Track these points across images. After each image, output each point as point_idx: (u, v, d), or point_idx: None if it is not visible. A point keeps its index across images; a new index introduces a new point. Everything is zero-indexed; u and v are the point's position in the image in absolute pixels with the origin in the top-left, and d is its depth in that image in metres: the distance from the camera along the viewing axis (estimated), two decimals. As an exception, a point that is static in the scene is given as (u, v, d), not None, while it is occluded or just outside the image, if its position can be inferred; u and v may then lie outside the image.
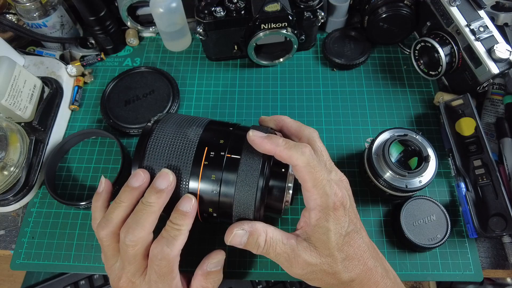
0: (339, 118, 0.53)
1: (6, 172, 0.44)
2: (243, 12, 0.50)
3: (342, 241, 0.33)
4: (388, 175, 0.41)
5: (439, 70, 0.49)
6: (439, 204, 0.44)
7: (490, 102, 0.51)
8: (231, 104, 0.55)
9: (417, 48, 0.52)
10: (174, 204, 0.34)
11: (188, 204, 0.33)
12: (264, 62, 0.56)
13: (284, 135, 0.39)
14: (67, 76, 0.55)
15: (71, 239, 0.46)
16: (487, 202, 0.43)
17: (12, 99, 0.45)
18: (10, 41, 0.55)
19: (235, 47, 0.56)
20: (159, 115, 0.39)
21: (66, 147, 0.51)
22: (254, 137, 0.33)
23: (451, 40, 0.48)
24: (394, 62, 0.58)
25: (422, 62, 0.53)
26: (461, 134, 0.47)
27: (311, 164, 0.32)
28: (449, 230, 0.42)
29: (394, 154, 0.43)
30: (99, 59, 0.59)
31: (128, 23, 0.59)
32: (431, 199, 0.44)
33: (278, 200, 0.36)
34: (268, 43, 0.54)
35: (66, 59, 0.59)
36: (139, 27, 0.60)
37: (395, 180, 0.41)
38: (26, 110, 0.48)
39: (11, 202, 0.47)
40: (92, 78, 0.57)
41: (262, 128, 0.36)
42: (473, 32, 0.46)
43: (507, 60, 0.45)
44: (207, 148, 0.34)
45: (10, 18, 0.59)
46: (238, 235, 0.33)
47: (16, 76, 0.46)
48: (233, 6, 0.50)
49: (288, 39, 0.52)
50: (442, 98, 0.51)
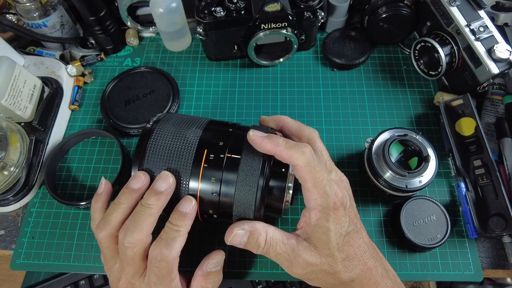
0: (339, 118, 0.53)
1: (6, 172, 0.44)
2: (243, 12, 0.50)
3: (342, 241, 0.33)
4: (388, 175, 0.41)
5: (439, 70, 0.49)
6: (439, 204, 0.44)
7: (490, 102, 0.51)
8: (231, 104, 0.55)
9: (417, 48, 0.52)
10: (174, 206, 0.34)
11: (188, 205, 0.33)
12: (264, 62, 0.56)
13: (284, 135, 0.39)
14: (67, 76, 0.55)
15: (71, 239, 0.46)
16: (487, 202, 0.43)
17: (12, 99, 0.45)
18: (10, 41, 0.55)
19: (235, 47, 0.56)
20: (158, 115, 0.39)
21: (66, 147, 0.51)
22: (255, 136, 0.33)
23: (451, 40, 0.48)
24: (394, 62, 0.58)
25: (422, 62, 0.53)
26: (461, 134, 0.47)
27: (312, 164, 0.32)
28: (449, 230, 0.42)
29: (394, 154, 0.43)
30: (99, 59, 0.59)
31: (128, 23, 0.59)
32: (431, 199, 0.44)
33: (278, 200, 0.36)
34: (268, 43, 0.54)
35: (66, 59, 0.59)
36: (139, 27, 0.60)
37: (395, 180, 0.41)
38: (26, 110, 0.48)
39: (11, 202, 0.47)
40: (92, 78, 0.57)
41: (262, 128, 0.36)
42: (473, 32, 0.46)
43: (507, 60, 0.45)
44: (206, 150, 0.34)
45: (10, 18, 0.59)
46: (238, 235, 0.33)
47: (16, 76, 0.46)
48: (233, 6, 0.50)
49: (288, 39, 0.52)
50: (442, 98, 0.51)
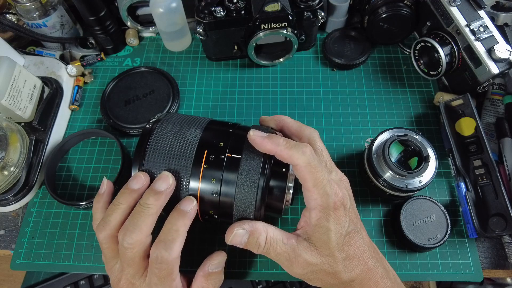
0: (339, 118, 0.53)
1: (6, 172, 0.44)
2: (243, 12, 0.50)
3: (342, 241, 0.33)
4: (388, 175, 0.41)
5: (439, 70, 0.49)
6: (439, 204, 0.44)
7: (490, 102, 0.51)
8: (231, 104, 0.55)
9: (417, 48, 0.52)
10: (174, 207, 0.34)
11: (189, 205, 0.33)
12: (264, 62, 0.56)
13: (285, 135, 0.39)
14: (67, 76, 0.55)
15: (71, 239, 0.46)
16: (487, 202, 0.43)
17: (12, 99, 0.45)
18: (10, 41, 0.55)
19: (235, 47, 0.55)
20: (158, 115, 0.39)
21: (66, 147, 0.51)
22: (255, 136, 0.33)
23: (451, 40, 0.48)
24: (394, 62, 0.58)
25: (422, 62, 0.53)
26: (461, 134, 0.47)
27: (312, 164, 0.32)
28: (449, 230, 0.42)
29: (394, 154, 0.43)
30: (99, 59, 0.59)
31: (128, 23, 0.59)
32: (431, 199, 0.44)
33: (279, 199, 0.36)
34: (268, 43, 0.54)
35: (66, 59, 0.59)
36: (139, 27, 0.60)
37: (395, 180, 0.41)
38: (26, 110, 0.48)
39: (11, 202, 0.47)
40: (92, 78, 0.57)
41: (263, 128, 0.36)
42: (473, 32, 0.46)
43: (507, 60, 0.45)
44: (206, 151, 0.34)
45: (10, 18, 0.59)
46: (239, 234, 0.33)
47: (16, 76, 0.46)
48: (233, 6, 0.50)
49: (288, 39, 0.52)
50: (442, 98, 0.51)
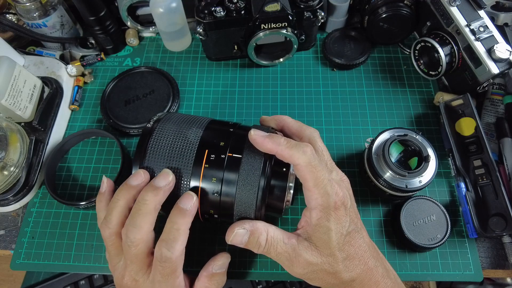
0: (339, 118, 0.53)
1: (6, 172, 0.44)
2: (243, 12, 0.50)
3: (343, 240, 0.33)
4: (388, 175, 0.41)
5: (439, 70, 0.49)
6: (439, 204, 0.44)
7: (490, 102, 0.51)
8: (231, 104, 0.55)
9: (417, 48, 0.52)
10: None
11: (189, 202, 0.33)
12: (264, 62, 0.56)
13: (285, 135, 0.39)
14: (67, 76, 0.55)
15: (71, 239, 0.46)
16: (487, 202, 0.43)
17: (12, 99, 0.45)
18: (10, 41, 0.55)
19: (235, 47, 0.55)
20: (159, 114, 0.39)
21: (66, 147, 0.51)
22: (256, 136, 0.33)
23: (451, 40, 0.48)
24: (394, 62, 0.58)
25: (422, 62, 0.53)
26: (461, 134, 0.47)
27: (313, 163, 0.32)
28: (449, 230, 0.42)
29: (394, 154, 0.43)
30: (99, 59, 0.59)
31: (128, 23, 0.59)
32: (431, 199, 0.44)
33: (279, 199, 0.36)
34: (268, 43, 0.54)
35: (66, 59, 0.59)
36: (139, 27, 0.60)
37: (395, 180, 0.41)
38: (26, 110, 0.47)
39: (11, 202, 0.47)
40: (92, 78, 0.57)
41: (263, 127, 0.36)
42: (473, 32, 0.46)
43: (507, 60, 0.45)
44: (207, 150, 0.34)
45: (10, 18, 0.59)
46: (239, 234, 0.33)
47: (16, 76, 0.46)
48: (233, 6, 0.50)
49: (288, 39, 0.52)
50: (442, 98, 0.51)
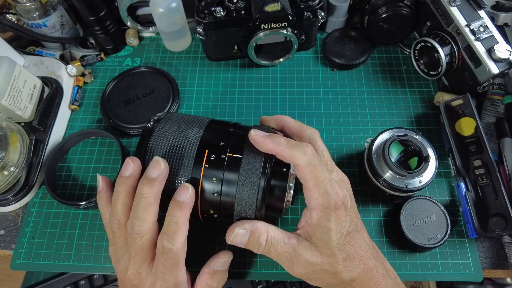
0: (339, 118, 0.53)
1: (6, 172, 0.44)
2: (243, 12, 0.50)
3: (343, 240, 0.33)
4: (388, 175, 0.41)
5: (439, 70, 0.49)
6: (439, 204, 0.44)
7: (490, 102, 0.51)
8: (231, 104, 0.55)
9: (417, 48, 0.52)
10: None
11: (185, 193, 0.33)
12: (264, 62, 0.56)
13: (285, 135, 0.39)
14: (67, 76, 0.55)
15: (71, 239, 0.46)
16: (487, 202, 0.43)
17: (12, 99, 0.45)
18: (10, 41, 0.55)
19: (235, 47, 0.55)
20: (159, 114, 0.39)
21: (66, 147, 0.51)
22: (256, 136, 0.33)
23: (451, 40, 0.48)
24: (394, 62, 0.58)
25: (422, 62, 0.53)
26: (461, 134, 0.47)
27: (313, 163, 0.32)
28: (449, 230, 0.42)
29: (394, 154, 0.43)
30: (99, 59, 0.59)
31: (128, 23, 0.59)
32: (431, 199, 0.44)
33: (279, 199, 0.36)
34: (268, 43, 0.54)
35: (66, 59, 0.59)
36: (139, 27, 0.60)
37: (395, 180, 0.41)
38: (26, 110, 0.47)
39: (11, 202, 0.47)
40: (92, 78, 0.57)
41: (263, 127, 0.36)
42: (473, 32, 0.46)
43: (507, 60, 0.45)
44: (207, 150, 0.34)
45: (10, 18, 0.59)
46: (239, 234, 0.33)
47: (16, 76, 0.46)
48: (233, 6, 0.50)
49: (288, 39, 0.52)
50: (442, 98, 0.51)
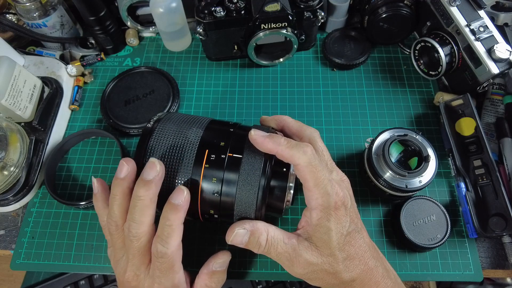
0: (339, 118, 0.53)
1: (6, 172, 0.44)
2: (243, 12, 0.50)
3: (343, 240, 0.33)
4: (388, 175, 0.41)
5: (439, 70, 0.49)
6: (439, 204, 0.44)
7: (490, 102, 0.51)
8: (231, 104, 0.55)
9: (417, 48, 0.52)
10: None
11: (180, 196, 0.33)
12: (264, 62, 0.56)
13: (285, 135, 0.39)
14: (67, 76, 0.55)
15: (71, 239, 0.46)
16: (487, 202, 0.43)
17: (12, 99, 0.45)
18: (10, 41, 0.55)
19: (235, 47, 0.55)
20: (159, 114, 0.39)
21: (66, 147, 0.51)
22: (256, 136, 0.33)
23: (451, 40, 0.48)
24: (394, 62, 0.58)
25: (422, 62, 0.53)
26: (461, 134, 0.47)
27: (313, 163, 0.32)
28: (449, 230, 0.42)
29: (394, 154, 0.43)
30: (99, 59, 0.59)
31: (128, 23, 0.59)
32: (431, 199, 0.44)
33: (279, 199, 0.36)
34: (268, 43, 0.54)
35: (66, 59, 0.59)
36: (139, 27, 0.60)
37: (395, 180, 0.41)
38: (26, 110, 0.47)
39: (11, 202, 0.47)
40: (92, 78, 0.57)
41: (263, 127, 0.36)
42: (473, 32, 0.46)
43: (507, 60, 0.45)
44: (207, 150, 0.34)
45: (10, 18, 0.59)
46: (239, 234, 0.33)
47: (16, 76, 0.46)
48: (233, 6, 0.50)
49: (288, 39, 0.52)
50: (442, 98, 0.51)
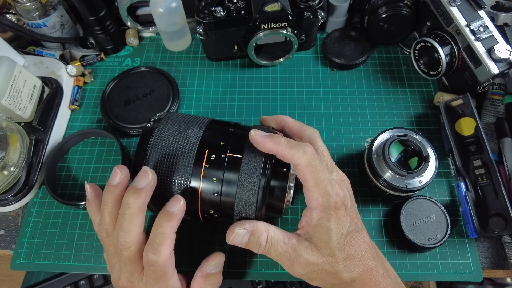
0: (339, 118, 0.53)
1: (6, 172, 0.44)
2: (243, 12, 0.50)
3: (343, 240, 0.33)
4: (388, 175, 0.41)
5: (439, 70, 0.49)
6: (439, 204, 0.44)
7: (490, 102, 0.51)
8: (231, 104, 0.55)
9: (417, 48, 0.52)
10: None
11: (176, 204, 0.32)
12: (264, 62, 0.56)
13: (285, 135, 0.39)
14: (67, 76, 0.55)
15: (71, 239, 0.46)
16: (487, 202, 0.43)
17: (12, 99, 0.45)
18: (10, 41, 0.55)
19: (235, 47, 0.55)
20: (159, 114, 0.39)
21: (66, 147, 0.51)
22: (256, 136, 0.33)
23: (451, 40, 0.48)
24: (394, 62, 0.58)
25: (422, 62, 0.53)
26: (461, 134, 0.47)
27: (313, 163, 0.32)
28: (449, 230, 0.42)
29: (394, 154, 0.43)
30: (99, 59, 0.59)
31: (128, 23, 0.59)
32: (431, 199, 0.44)
33: (279, 199, 0.36)
34: (268, 43, 0.54)
35: (66, 59, 0.59)
36: (139, 27, 0.60)
37: (395, 180, 0.41)
38: (26, 110, 0.47)
39: (11, 202, 0.47)
40: (92, 78, 0.57)
41: (264, 127, 0.36)
42: (473, 32, 0.46)
43: (507, 60, 0.45)
44: (207, 150, 0.34)
45: (10, 18, 0.59)
46: (240, 234, 0.33)
47: (16, 76, 0.46)
48: (233, 6, 0.50)
49: (288, 39, 0.52)
50: (442, 98, 0.51)
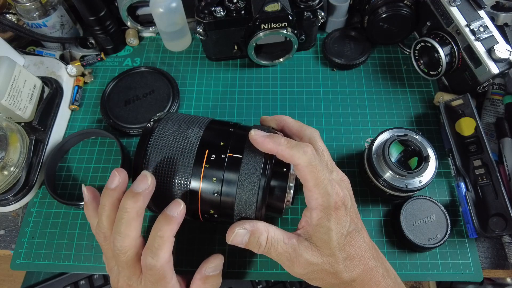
0: (339, 118, 0.53)
1: (6, 172, 0.44)
2: (243, 12, 0.50)
3: (343, 240, 0.33)
4: (388, 175, 0.41)
5: (439, 70, 0.49)
6: (439, 204, 0.44)
7: (490, 102, 0.51)
8: (231, 104, 0.55)
9: (417, 48, 0.52)
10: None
11: (176, 209, 0.32)
12: (264, 62, 0.56)
13: (285, 135, 0.39)
14: (67, 76, 0.55)
15: (71, 239, 0.46)
16: (487, 202, 0.43)
17: (12, 99, 0.45)
18: (10, 41, 0.55)
19: (235, 47, 0.55)
20: (159, 114, 0.39)
21: (66, 147, 0.51)
22: (256, 136, 0.33)
23: (451, 40, 0.48)
24: (394, 62, 0.58)
25: (422, 62, 0.53)
26: (461, 134, 0.47)
27: (313, 163, 0.32)
28: (449, 230, 0.42)
29: (394, 154, 0.43)
30: (99, 59, 0.59)
31: (128, 23, 0.59)
32: (431, 199, 0.44)
33: (280, 199, 0.36)
34: (268, 43, 0.54)
35: (66, 59, 0.59)
36: (139, 27, 0.60)
37: (395, 180, 0.41)
38: (26, 110, 0.47)
39: (11, 202, 0.47)
40: (92, 78, 0.57)
41: (264, 127, 0.36)
42: (473, 32, 0.46)
43: (507, 60, 0.45)
44: (208, 150, 0.34)
45: (10, 18, 0.59)
46: (240, 234, 0.33)
47: (16, 76, 0.46)
48: (233, 6, 0.50)
49: (288, 39, 0.52)
50: (442, 98, 0.51)
